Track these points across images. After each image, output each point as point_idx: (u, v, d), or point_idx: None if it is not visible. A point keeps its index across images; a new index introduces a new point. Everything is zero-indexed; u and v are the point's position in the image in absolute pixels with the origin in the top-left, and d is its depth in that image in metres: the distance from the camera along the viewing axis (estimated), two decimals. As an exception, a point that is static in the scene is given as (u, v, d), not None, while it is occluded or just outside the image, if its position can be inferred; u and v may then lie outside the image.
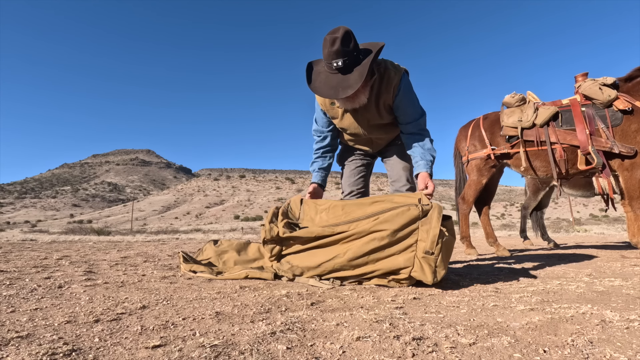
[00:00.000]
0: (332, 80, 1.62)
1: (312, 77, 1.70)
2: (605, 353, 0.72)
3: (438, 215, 1.41)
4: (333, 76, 1.62)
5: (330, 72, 1.63)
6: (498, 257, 2.94)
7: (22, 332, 0.86)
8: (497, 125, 3.20)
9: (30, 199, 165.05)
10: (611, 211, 5.06)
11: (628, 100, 2.59)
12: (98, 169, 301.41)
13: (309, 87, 1.68)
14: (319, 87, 1.65)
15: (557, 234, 8.68)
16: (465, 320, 0.97)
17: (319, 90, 1.65)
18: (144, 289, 1.45)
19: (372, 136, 1.99)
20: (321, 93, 1.65)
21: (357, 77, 1.57)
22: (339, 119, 1.93)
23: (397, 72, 1.76)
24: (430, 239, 1.37)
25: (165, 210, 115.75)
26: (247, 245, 2.17)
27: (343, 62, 1.56)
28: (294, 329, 0.89)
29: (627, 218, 2.65)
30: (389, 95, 1.78)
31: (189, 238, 8.21)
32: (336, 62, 1.57)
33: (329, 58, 1.58)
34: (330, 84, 1.62)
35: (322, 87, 1.64)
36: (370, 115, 1.87)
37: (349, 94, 1.57)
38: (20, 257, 2.80)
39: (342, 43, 1.54)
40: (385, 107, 1.84)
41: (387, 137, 2.05)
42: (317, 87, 1.66)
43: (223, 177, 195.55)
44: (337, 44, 1.54)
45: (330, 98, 1.69)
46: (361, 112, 1.85)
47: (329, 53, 1.57)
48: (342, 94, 1.58)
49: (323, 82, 1.65)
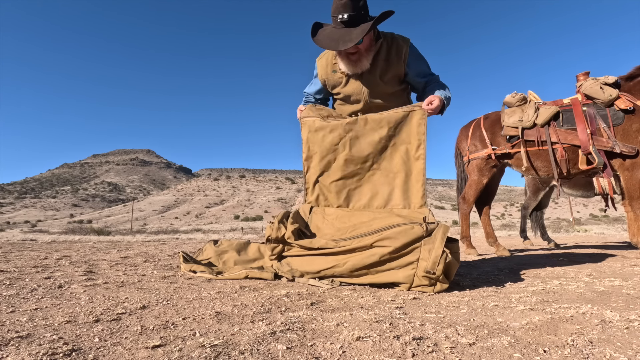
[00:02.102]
0: (335, 33, 1.64)
1: (317, 32, 1.72)
2: (605, 353, 0.72)
3: (442, 236, 1.38)
4: (337, 30, 1.64)
5: (335, 26, 1.65)
6: (498, 257, 2.94)
7: (22, 332, 0.86)
8: (498, 125, 3.20)
9: (30, 199, 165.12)
10: (611, 211, 5.06)
11: (629, 100, 2.59)
12: (98, 169, 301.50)
13: (312, 39, 1.70)
14: (321, 39, 1.67)
15: (557, 234, 8.68)
16: (465, 320, 0.97)
17: (320, 41, 1.67)
18: (144, 289, 1.45)
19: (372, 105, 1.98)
20: (322, 44, 1.66)
21: (360, 32, 1.58)
22: (342, 85, 1.92)
23: (405, 40, 1.81)
24: (432, 259, 1.34)
25: (165, 210, 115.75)
26: (247, 245, 2.17)
27: (349, 16, 1.58)
28: (294, 329, 0.89)
29: (627, 218, 2.65)
30: (400, 65, 1.82)
31: (189, 238, 8.21)
32: (342, 15, 1.59)
33: (336, 12, 1.61)
34: (332, 36, 1.64)
35: (324, 39, 1.66)
36: (373, 81, 1.87)
37: (348, 46, 1.58)
38: (20, 257, 2.80)
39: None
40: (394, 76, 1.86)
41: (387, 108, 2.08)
42: (319, 39, 1.68)
43: (223, 177, 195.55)
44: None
45: (330, 49, 1.70)
46: (365, 77, 1.86)
47: (336, 6, 1.60)
48: (342, 45, 1.59)
49: (326, 36, 1.67)
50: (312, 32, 1.71)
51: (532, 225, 4.83)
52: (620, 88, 2.72)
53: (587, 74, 2.89)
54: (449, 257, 1.36)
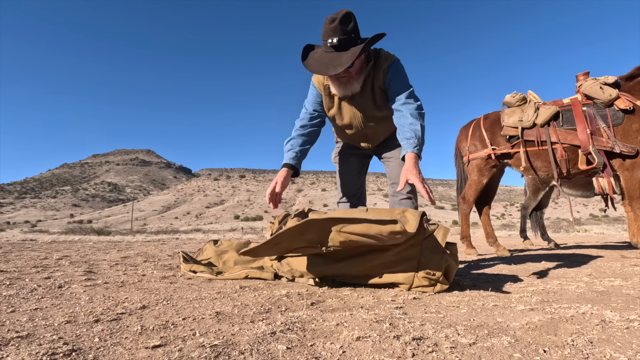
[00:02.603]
0: (325, 57, 1.61)
1: (308, 55, 1.70)
2: (605, 353, 0.72)
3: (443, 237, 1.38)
4: (327, 54, 1.61)
5: (325, 50, 1.62)
6: (498, 257, 2.94)
7: (22, 332, 0.86)
8: (498, 125, 3.20)
9: (30, 199, 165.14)
10: (611, 211, 5.06)
11: (629, 100, 2.59)
12: (98, 169, 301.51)
13: (302, 63, 1.68)
14: (311, 63, 1.65)
15: (557, 234, 8.68)
16: (465, 320, 0.97)
17: (310, 65, 1.65)
18: (144, 289, 1.45)
19: (367, 130, 1.96)
20: (312, 68, 1.64)
21: (349, 56, 1.56)
22: (335, 108, 1.90)
23: (389, 58, 1.77)
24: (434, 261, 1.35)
25: (165, 210, 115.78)
26: (247, 245, 2.17)
27: (338, 40, 1.56)
28: (294, 329, 0.89)
29: (627, 218, 2.65)
30: (380, 79, 1.78)
31: (189, 238, 8.21)
32: (332, 39, 1.57)
33: (325, 36, 1.59)
34: (322, 61, 1.62)
35: (314, 64, 1.64)
36: (366, 105, 1.84)
37: (338, 71, 1.56)
38: (20, 257, 2.80)
39: (341, 22, 1.55)
40: (381, 94, 1.82)
41: (383, 132, 2.01)
42: (309, 63, 1.66)
43: (223, 177, 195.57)
44: (336, 22, 1.55)
45: (320, 74, 1.68)
46: (357, 100, 1.83)
47: (326, 30, 1.58)
48: (332, 70, 1.57)
49: (316, 60, 1.64)
50: (303, 56, 1.70)
51: (532, 225, 4.83)
52: (620, 88, 2.73)
53: (587, 74, 2.89)
54: (449, 259, 1.36)
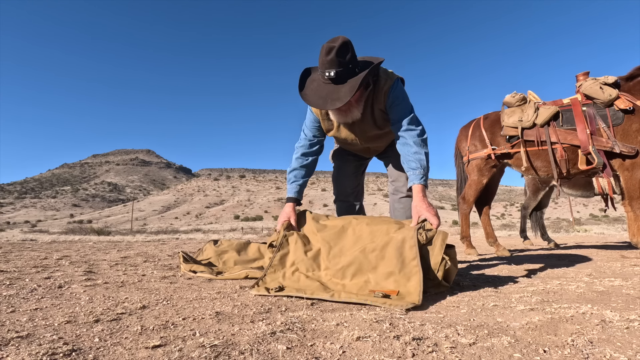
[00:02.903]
0: (323, 89, 1.56)
1: (305, 84, 1.65)
2: (605, 353, 0.72)
3: (442, 243, 1.37)
4: (325, 86, 1.56)
5: (323, 81, 1.57)
6: (498, 257, 2.94)
7: (22, 332, 0.86)
8: (498, 125, 3.20)
9: (30, 199, 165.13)
10: (611, 211, 5.05)
11: (629, 100, 2.59)
12: (98, 169, 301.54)
13: (299, 93, 1.63)
14: (309, 95, 1.60)
15: (557, 234, 8.68)
16: (465, 320, 0.97)
17: (308, 98, 1.60)
18: (144, 289, 1.45)
19: (369, 145, 1.96)
20: (310, 102, 1.60)
21: (348, 90, 1.51)
22: (335, 130, 1.87)
23: (389, 78, 1.70)
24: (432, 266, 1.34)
25: (165, 210, 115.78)
26: (247, 245, 2.17)
27: (336, 73, 1.51)
28: (294, 329, 0.89)
29: (627, 218, 2.65)
30: (380, 101, 1.73)
31: (189, 238, 8.21)
32: (329, 72, 1.51)
33: (322, 67, 1.54)
34: (320, 93, 1.57)
35: (311, 96, 1.59)
36: (367, 127, 1.82)
37: (337, 106, 1.52)
38: (20, 257, 2.80)
39: (338, 53, 1.49)
40: (381, 115, 1.78)
41: (384, 145, 2.03)
42: (307, 95, 1.61)
43: (223, 177, 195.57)
44: (332, 54, 1.49)
45: (318, 108, 1.64)
46: (358, 125, 1.79)
47: (323, 62, 1.53)
48: (330, 105, 1.53)
49: (314, 91, 1.59)
50: (300, 84, 1.65)
51: (532, 225, 4.83)
52: (620, 88, 2.73)
53: (587, 74, 2.89)
54: (449, 263, 1.36)
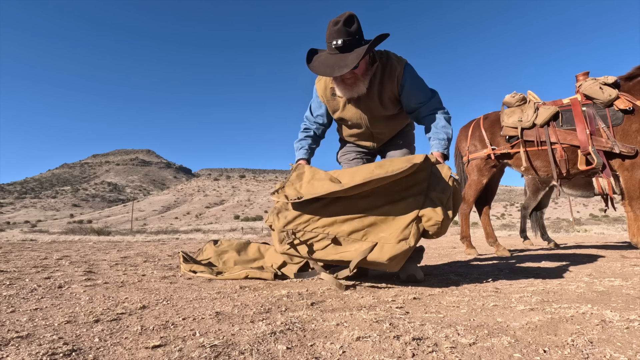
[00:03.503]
0: (330, 59, 1.62)
1: (312, 59, 1.70)
2: (605, 353, 0.72)
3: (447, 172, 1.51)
4: (332, 56, 1.62)
5: (329, 52, 1.63)
6: (498, 257, 2.94)
7: (22, 332, 0.86)
8: (498, 125, 3.20)
9: (30, 199, 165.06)
10: (611, 211, 5.05)
11: (629, 100, 2.59)
12: (98, 169, 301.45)
13: (307, 66, 1.68)
14: (317, 66, 1.65)
15: (557, 234, 8.68)
16: (465, 320, 0.97)
17: (315, 68, 1.65)
18: (144, 289, 1.45)
19: (373, 130, 1.96)
20: (317, 71, 1.65)
21: (355, 57, 1.56)
22: (340, 110, 1.90)
23: (400, 61, 1.76)
24: None
25: (165, 210, 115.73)
26: (247, 245, 2.18)
27: (343, 41, 1.56)
28: (294, 329, 0.89)
29: (627, 218, 2.65)
30: (394, 85, 1.77)
31: (189, 238, 8.21)
32: (336, 41, 1.57)
33: (330, 38, 1.59)
34: (327, 63, 1.62)
35: (319, 66, 1.64)
36: (373, 105, 1.84)
37: (344, 72, 1.56)
38: (20, 257, 2.80)
39: (345, 23, 1.55)
40: (390, 98, 1.82)
41: (389, 132, 2.02)
42: (315, 66, 1.66)
43: (223, 177, 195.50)
44: (340, 24, 1.55)
45: (326, 75, 1.68)
46: (363, 101, 1.83)
47: (330, 33, 1.58)
48: (337, 71, 1.57)
49: (321, 62, 1.65)
50: (307, 59, 1.70)
51: (532, 225, 4.83)
52: (619, 88, 2.73)
53: (587, 74, 2.89)
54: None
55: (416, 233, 1.38)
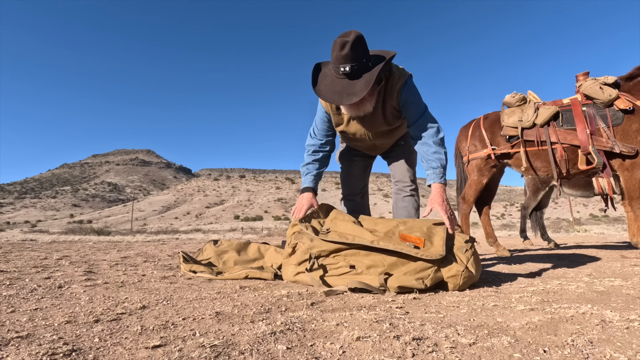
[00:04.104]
0: (337, 85, 1.55)
1: (317, 80, 1.63)
2: (605, 353, 0.72)
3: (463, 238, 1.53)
4: (339, 81, 1.56)
5: (336, 76, 1.56)
6: (498, 257, 2.94)
7: (22, 332, 0.86)
8: (498, 125, 3.20)
9: (30, 199, 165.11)
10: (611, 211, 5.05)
11: (629, 100, 2.59)
12: (98, 169, 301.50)
13: (313, 89, 1.62)
14: (323, 90, 1.59)
15: (557, 234, 8.68)
16: (465, 320, 0.97)
17: (322, 94, 1.59)
18: (144, 289, 1.45)
19: (376, 142, 1.96)
20: (325, 97, 1.59)
21: (364, 85, 1.51)
22: (344, 124, 1.86)
23: (402, 75, 1.70)
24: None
25: (165, 210, 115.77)
26: (247, 245, 2.18)
27: (351, 67, 1.50)
28: (294, 329, 0.89)
29: (627, 218, 2.65)
30: (393, 98, 1.73)
31: (189, 238, 8.21)
32: (344, 67, 1.51)
33: (336, 62, 1.52)
34: (334, 88, 1.56)
35: (326, 91, 1.58)
36: (377, 122, 1.81)
37: (353, 101, 1.51)
38: (20, 257, 2.80)
39: (352, 48, 1.48)
40: (393, 112, 1.78)
41: (390, 142, 2.02)
42: (321, 91, 1.60)
43: (223, 177, 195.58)
44: (347, 48, 1.48)
45: (334, 103, 1.62)
46: (368, 119, 1.79)
47: (337, 57, 1.51)
48: (346, 100, 1.52)
49: (328, 86, 1.58)
50: (313, 80, 1.63)
51: (532, 225, 4.83)
52: (619, 88, 2.73)
53: (587, 74, 2.89)
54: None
55: (434, 278, 1.39)
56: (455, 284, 1.41)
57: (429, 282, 1.38)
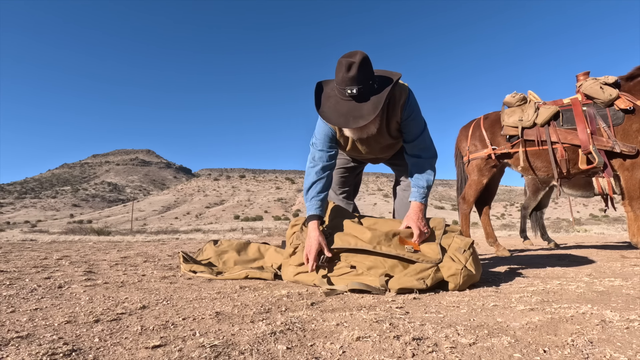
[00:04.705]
0: (342, 107, 1.50)
1: (321, 100, 1.57)
2: (605, 353, 0.72)
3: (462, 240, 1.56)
4: (345, 103, 1.49)
5: (342, 97, 1.50)
6: (498, 257, 2.94)
7: (22, 332, 0.86)
8: (498, 125, 3.20)
9: (30, 199, 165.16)
10: (611, 211, 5.06)
11: (629, 100, 2.58)
12: (98, 169, 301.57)
13: (317, 111, 1.56)
14: (328, 112, 1.53)
15: (557, 234, 8.68)
16: (465, 320, 0.97)
17: (327, 116, 1.52)
18: (144, 289, 1.45)
19: (379, 155, 1.95)
20: (330, 120, 1.52)
21: (372, 109, 1.46)
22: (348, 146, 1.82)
23: (403, 90, 1.66)
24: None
25: (165, 210, 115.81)
26: (247, 245, 2.17)
27: (358, 90, 1.45)
28: (294, 329, 0.89)
29: (627, 218, 2.65)
30: (397, 115, 1.69)
31: (189, 238, 8.22)
32: (350, 89, 1.45)
33: (342, 84, 1.46)
34: (340, 110, 1.50)
35: (331, 113, 1.52)
36: (381, 139, 1.78)
37: (360, 124, 1.46)
38: (20, 257, 2.80)
39: (359, 69, 1.43)
40: (396, 126, 1.75)
41: (393, 152, 2.01)
42: (326, 112, 1.53)
43: (223, 177, 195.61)
44: (354, 70, 1.43)
45: (340, 126, 1.57)
46: (373, 137, 1.74)
47: (343, 79, 1.45)
48: (352, 123, 1.47)
49: (332, 108, 1.52)
50: (316, 100, 1.57)
51: (532, 225, 4.83)
52: (620, 88, 2.72)
53: (587, 74, 2.89)
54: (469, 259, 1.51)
55: (434, 278, 1.41)
56: (455, 283, 1.41)
57: (429, 281, 1.39)
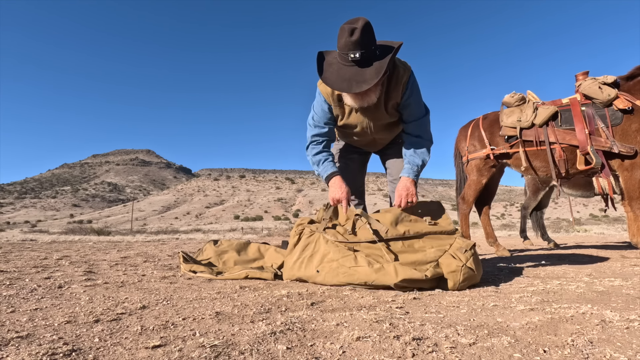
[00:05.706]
0: (345, 72, 1.50)
1: (323, 68, 1.57)
2: (605, 353, 0.72)
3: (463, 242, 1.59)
4: (347, 68, 1.50)
5: (344, 63, 1.50)
6: (498, 257, 2.94)
7: (22, 332, 0.86)
8: (497, 125, 3.20)
9: (30, 199, 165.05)
10: (611, 211, 5.06)
11: (628, 100, 2.58)
12: (98, 169, 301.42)
13: (319, 77, 1.57)
14: (330, 78, 1.53)
15: (557, 234, 8.68)
16: (465, 320, 0.97)
17: (330, 81, 1.53)
18: (144, 289, 1.45)
19: (376, 136, 1.93)
20: (333, 85, 1.52)
21: (374, 73, 1.46)
22: (345, 117, 1.82)
23: (406, 69, 1.67)
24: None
25: (165, 210, 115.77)
26: (247, 245, 2.18)
27: (361, 54, 1.45)
28: (294, 329, 0.89)
29: (627, 218, 2.65)
30: (398, 93, 1.70)
31: (189, 238, 8.22)
32: (353, 53, 1.45)
33: (345, 48, 1.46)
34: (343, 76, 1.50)
35: (334, 79, 1.52)
36: (379, 114, 1.78)
37: (363, 88, 1.46)
38: (20, 257, 2.80)
39: (362, 34, 1.43)
40: (394, 105, 1.77)
41: (389, 137, 2.01)
42: (328, 78, 1.53)
43: (223, 177, 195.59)
44: (357, 35, 1.43)
45: (343, 91, 1.57)
46: (370, 111, 1.75)
47: (346, 43, 1.45)
48: (355, 87, 1.47)
49: (335, 74, 1.52)
50: (319, 67, 1.57)
51: (532, 225, 4.83)
52: (619, 88, 2.72)
53: (586, 74, 2.89)
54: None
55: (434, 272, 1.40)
56: (455, 281, 1.40)
57: (429, 273, 1.38)
